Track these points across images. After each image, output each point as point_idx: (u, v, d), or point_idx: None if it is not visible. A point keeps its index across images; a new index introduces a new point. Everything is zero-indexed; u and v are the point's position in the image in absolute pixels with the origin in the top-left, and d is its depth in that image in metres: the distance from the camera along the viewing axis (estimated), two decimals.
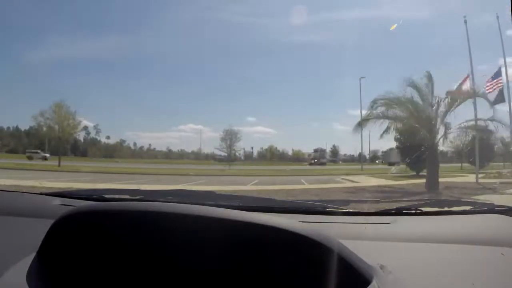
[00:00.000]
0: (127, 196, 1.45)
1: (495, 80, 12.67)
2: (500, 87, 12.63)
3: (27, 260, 0.75)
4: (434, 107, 11.26)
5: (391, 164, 23.53)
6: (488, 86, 12.61)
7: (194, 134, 58.88)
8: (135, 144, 45.24)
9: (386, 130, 12.07)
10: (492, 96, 12.53)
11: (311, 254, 0.66)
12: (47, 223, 0.76)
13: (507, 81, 12.77)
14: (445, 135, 11.46)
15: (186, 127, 56.13)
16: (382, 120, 11.68)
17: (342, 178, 16.57)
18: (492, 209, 1.26)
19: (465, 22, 13.08)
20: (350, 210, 1.26)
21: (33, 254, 0.76)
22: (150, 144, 46.26)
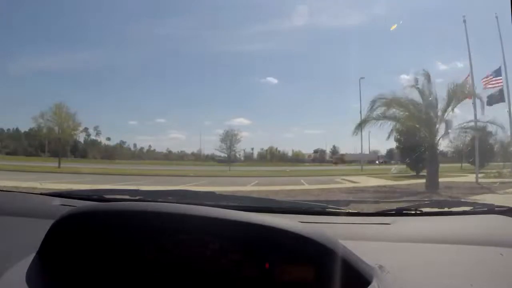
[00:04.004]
0: (127, 197, 1.44)
1: (495, 79, 12.63)
2: (500, 87, 12.61)
3: (27, 260, 0.75)
4: (434, 105, 11.21)
5: None
6: (485, 83, 12.57)
7: (187, 137, 60.29)
8: (135, 145, 45.24)
9: (391, 133, 12.20)
10: (491, 94, 12.53)
11: (312, 255, 0.66)
12: (47, 223, 0.76)
13: (507, 80, 12.77)
14: (445, 134, 11.43)
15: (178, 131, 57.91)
16: (382, 121, 11.65)
17: (342, 179, 16.56)
18: (492, 210, 1.25)
19: (464, 21, 13.09)
20: (350, 211, 1.26)
21: (33, 254, 0.76)
22: (150, 146, 46.25)
